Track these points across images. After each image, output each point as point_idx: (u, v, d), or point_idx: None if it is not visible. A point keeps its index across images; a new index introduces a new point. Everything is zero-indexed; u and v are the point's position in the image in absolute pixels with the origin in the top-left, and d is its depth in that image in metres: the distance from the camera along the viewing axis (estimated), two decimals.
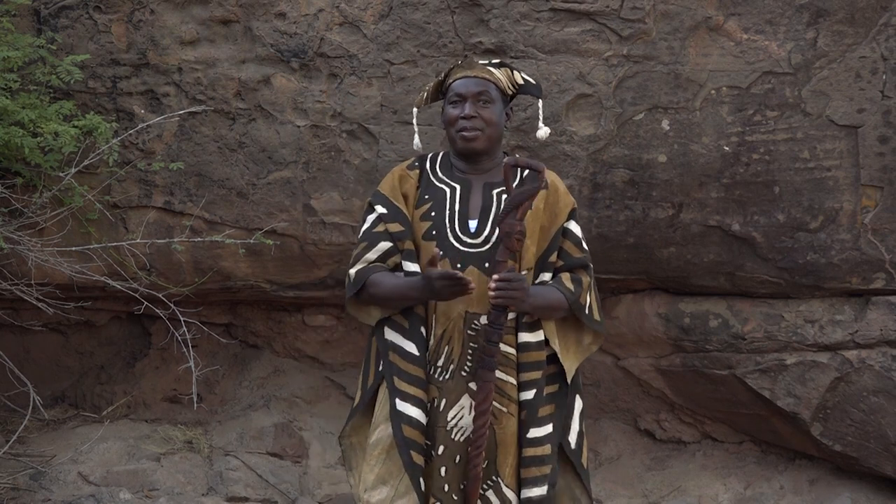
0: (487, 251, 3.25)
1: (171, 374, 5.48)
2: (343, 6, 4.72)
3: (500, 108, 3.36)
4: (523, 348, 3.28)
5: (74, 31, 4.83)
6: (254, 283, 5.08)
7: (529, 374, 3.28)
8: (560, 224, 3.36)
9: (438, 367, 3.27)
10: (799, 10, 4.68)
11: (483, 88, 3.32)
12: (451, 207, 3.30)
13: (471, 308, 3.25)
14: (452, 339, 3.26)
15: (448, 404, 3.26)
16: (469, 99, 3.31)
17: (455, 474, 3.25)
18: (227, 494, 5.07)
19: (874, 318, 4.91)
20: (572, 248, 3.38)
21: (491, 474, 3.26)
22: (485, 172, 3.36)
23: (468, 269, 3.25)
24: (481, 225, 3.29)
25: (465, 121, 3.30)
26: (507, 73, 3.41)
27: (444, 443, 3.25)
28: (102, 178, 4.84)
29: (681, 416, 5.39)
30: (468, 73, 3.35)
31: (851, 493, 5.12)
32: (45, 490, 4.97)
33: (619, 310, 5.18)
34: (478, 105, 3.31)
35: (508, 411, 3.26)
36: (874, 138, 4.75)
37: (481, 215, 3.29)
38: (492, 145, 3.35)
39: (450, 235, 3.27)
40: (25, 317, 5.24)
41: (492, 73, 3.36)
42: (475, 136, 3.30)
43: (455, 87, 3.34)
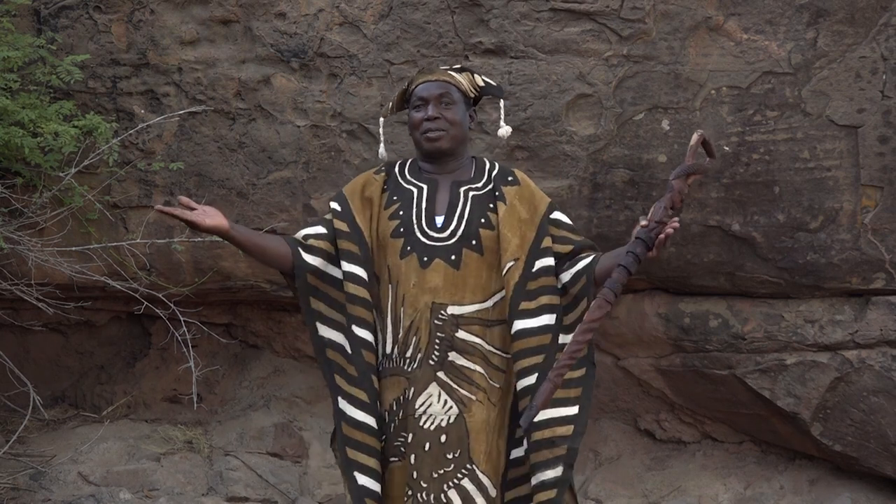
0: (454, 245, 3.34)
1: (171, 374, 5.48)
2: (343, 6, 4.72)
3: (463, 110, 3.45)
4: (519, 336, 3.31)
5: (74, 31, 4.83)
6: (254, 283, 5.08)
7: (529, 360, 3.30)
8: (542, 213, 3.42)
9: (407, 358, 3.34)
10: (799, 10, 4.68)
11: (444, 90, 3.42)
12: (417, 205, 3.39)
13: (437, 298, 3.32)
14: (420, 329, 3.32)
15: (416, 393, 3.32)
16: (431, 101, 3.41)
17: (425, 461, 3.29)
18: (227, 494, 5.07)
19: (874, 318, 4.91)
20: (573, 234, 3.44)
21: (465, 462, 3.29)
22: (452, 172, 3.45)
23: (434, 263, 3.33)
24: (448, 220, 3.37)
25: (428, 122, 3.39)
26: (468, 76, 3.51)
27: (412, 431, 3.30)
28: (102, 178, 4.84)
29: (681, 416, 5.39)
30: (429, 77, 3.45)
31: (851, 493, 5.12)
32: (45, 490, 4.97)
33: (619, 310, 5.18)
34: (440, 107, 3.40)
35: (477, 399, 3.31)
36: (874, 138, 4.75)
37: (448, 211, 3.38)
38: (456, 145, 3.43)
39: (416, 231, 3.35)
40: (25, 317, 5.24)
41: (452, 77, 3.46)
42: (440, 136, 3.39)
43: (417, 92, 3.44)
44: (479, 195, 3.40)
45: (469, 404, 3.31)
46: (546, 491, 3.28)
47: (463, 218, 3.36)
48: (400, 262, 3.34)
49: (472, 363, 3.33)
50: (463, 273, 3.33)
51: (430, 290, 3.32)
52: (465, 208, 3.38)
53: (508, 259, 3.34)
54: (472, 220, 3.36)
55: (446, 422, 3.30)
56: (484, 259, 3.35)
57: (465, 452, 3.29)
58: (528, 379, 3.30)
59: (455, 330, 3.32)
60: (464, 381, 3.31)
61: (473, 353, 3.33)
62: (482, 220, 3.36)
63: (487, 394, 3.33)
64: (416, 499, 3.27)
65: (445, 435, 3.29)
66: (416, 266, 3.32)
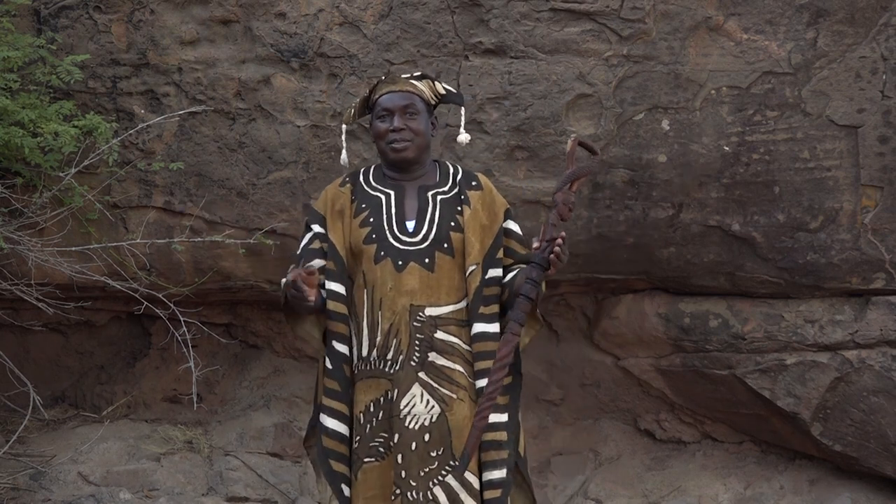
0: (427, 248, 3.41)
1: (171, 374, 5.48)
2: (343, 6, 4.72)
3: (426, 119, 3.52)
4: (479, 338, 3.41)
5: (74, 31, 4.82)
6: (254, 283, 5.08)
7: (484, 363, 3.39)
8: (500, 223, 3.51)
9: (388, 360, 3.40)
10: (799, 10, 4.68)
11: (409, 102, 3.49)
12: (387, 211, 3.46)
13: (415, 301, 3.39)
14: (399, 331, 3.39)
15: (400, 394, 3.37)
16: (396, 112, 3.47)
17: (413, 461, 3.35)
18: (227, 494, 5.07)
19: (874, 318, 4.91)
20: (518, 247, 3.53)
21: (448, 459, 3.36)
22: (417, 178, 3.52)
23: (409, 266, 3.39)
24: (419, 224, 3.44)
25: (394, 133, 3.46)
26: (429, 84, 3.57)
27: (399, 431, 3.36)
28: (102, 178, 4.84)
29: (681, 416, 5.39)
30: (393, 87, 3.51)
31: (851, 493, 5.12)
32: (45, 490, 4.97)
33: (619, 310, 5.18)
34: (405, 117, 3.47)
35: (458, 397, 3.39)
36: (874, 138, 4.75)
37: (418, 216, 3.45)
38: (421, 153, 3.51)
39: (389, 236, 3.42)
40: (25, 317, 5.24)
41: (415, 86, 3.52)
42: (405, 146, 3.46)
43: (382, 103, 3.50)
44: (447, 199, 3.48)
45: (450, 402, 3.38)
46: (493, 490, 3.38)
47: (434, 222, 3.44)
48: (375, 268, 3.40)
49: (452, 362, 3.40)
50: (437, 275, 3.40)
51: (408, 292, 3.39)
52: (434, 212, 3.46)
53: (471, 263, 3.44)
54: (442, 224, 3.44)
55: (429, 421, 3.37)
56: (455, 261, 3.43)
57: (448, 450, 3.36)
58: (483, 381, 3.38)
59: (434, 331, 3.40)
60: (444, 381, 3.39)
61: (452, 353, 3.40)
62: (451, 223, 3.44)
63: (468, 391, 3.40)
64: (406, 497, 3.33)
65: (429, 434, 3.36)
66: (391, 270, 3.39)
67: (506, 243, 3.50)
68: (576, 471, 5.41)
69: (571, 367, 5.42)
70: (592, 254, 4.91)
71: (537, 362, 5.45)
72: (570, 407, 5.50)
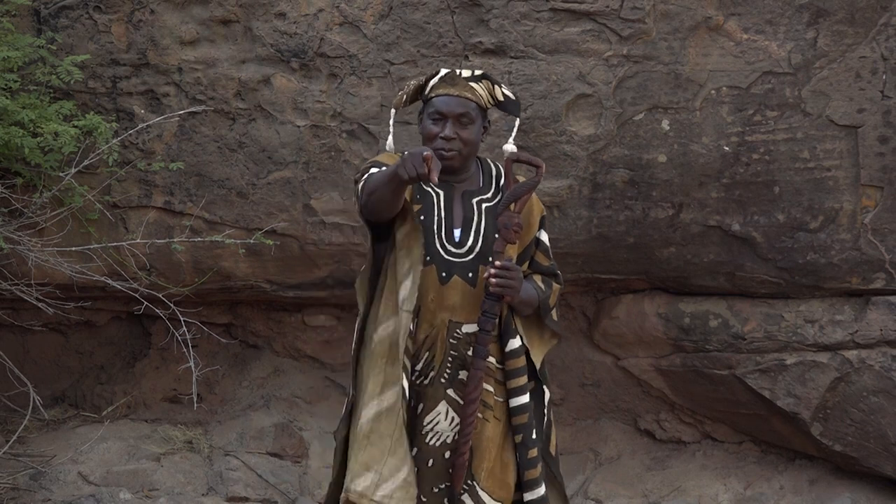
0: (471, 262, 3.30)
1: (171, 374, 5.48)
2: (343, 6, 4.72)
3: (479, 126, 3.37)
4: (512, 355, 3.33)
5: (74, 31, 4.83)
6: (254, 283, 5.08)
7: (519, 380, 3.33)
8: (533, 233, 3.42)
9: (417, 371, 3.31)
10: (799, 10, 4.68)
11: (465, 110, 3.33)
12: (438, 214, 3.34)
13: (454, 317, 3.30)
14: (434, 345, 3.30)
15: (426, 410, 3.30)
16: (450, 119, 3.32)
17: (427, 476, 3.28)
18: (227, 494, 5.07)
19: (874, 318, 4.91)
20: (542, 258, 3.44)
21: (466, 478, 3.30)
22: (462, 181, 3.40)
23: (453, 279, 3.29)
24: (464, 235, 3.33)
25: (444, 141, 3.32)
26: (489, 86, 3.41)
27: (418, 446, 3.29)
28: (102, 178, 4.84)
29: (681, 416, 5.39)
30: (451, 91, 3.35)
31: (851, 493, 5.12)
32: (45, 490, 4.97)
33: (619, 310, 5.18)
34: (458, 126, 3.32)
35: (484, 417, 3.31)
36: (874, 138, 4.75)
37: (464, 225, 3.34)
38: (466, 162, 3.38)
39: (436, 242, 3.31)
40: (25, 317, 5.24)
41: (474, 91, 3.36)
42: (452, 156, 3.32)
43: (437, 104, 3.34)
44: (491, 207, 3.37)
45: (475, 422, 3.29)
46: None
47: (479, 234, 3.32)
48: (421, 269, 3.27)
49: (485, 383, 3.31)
50: (478, 291, 3.30)
51: (449, 307, 3.29)
52: (479, 223, 3.34)
53: None
54: (488, 236, 3.32)
55: (451, 438, 3.29)
56: None
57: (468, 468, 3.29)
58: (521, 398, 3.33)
59: (468, 348, 3.30)
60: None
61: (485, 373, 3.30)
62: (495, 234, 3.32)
63: (494, 411, 3.32)
64: None
65: (450, 451, 3.29)
66: (435, 280, 3.28)
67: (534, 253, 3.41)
68: (576, 471, 5.41)
69: (571, 367, 5.42)
70: (592, 254, 4.91)
71: None
72: (570, 407, 5.50)
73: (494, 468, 3.32)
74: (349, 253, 4.93)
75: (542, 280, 3.42)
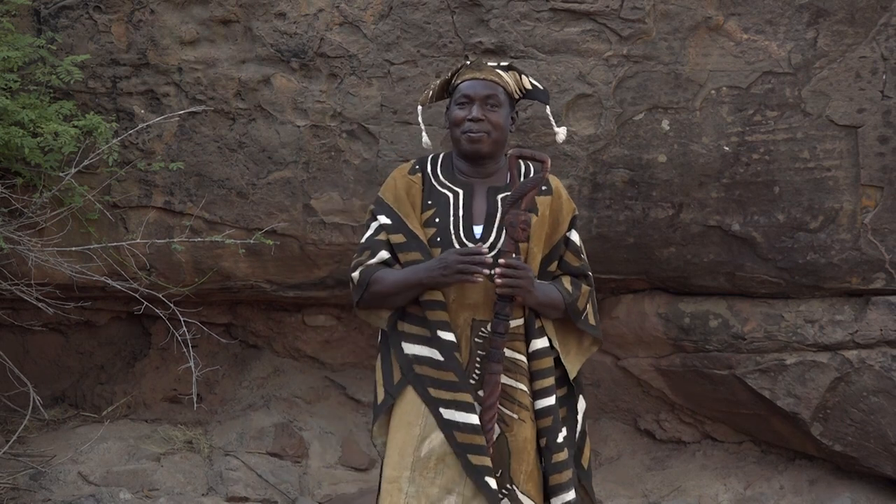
0: (494, 258, 3.21)
1: (171, 374, 5.48)
2: (343, 6, 4.72)
3: (507, 112, 3.32)
4: (536, 355, 3.26)
5: (74, 31, 4.83)
6: (254, 283, 5.08)
7: (544, 381, 3.26)
8: (563, 233, 3.34)
9: None
10: (799, 10, 4.68)
11: (492, 92, 3.29)
12: (454, 213, 3.26)
13: (477, 315, 3.22)
14: (460, 346, 3.22)
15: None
16: (477, 101, 3.27)
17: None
18: (227, 494, 5.07)
19: (874, 318, 4.91)
20: (572, 258, 3.36)
21: (505, 482, 3.21)
22: (488, 176, 3.32)
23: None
24: (486, 231, 3.25)
25: (472, 123, 3.26)
26: (516, 76, 3.38)
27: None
28: (102, 178, 4.84)
29: (681, 416, 5.39)
30: (477, 74, 3.31)
31: (851, 493, 5.12)
32: (45, 490, 4.97)
33: (619, 310, 5.18)
34: (485, 108, 3.27)
35: (520, 417, 3.23)
36: (874, 138, 4.75)
37: (486, 221, 3.26)
38: (496, 149, 3.31)
39: (455, 242, 3.23)
40: (25, 317, 5.24)
41: (501, 77, 3.33)
42: (480, 137, 3.25)
43: (463, 89, 3.30)
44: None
45: (511, 423, 3.22)
46: None
47: (502, 230, 3.24)
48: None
49: (517, 381, 3.24)
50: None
51: (470, 306, 3.22)
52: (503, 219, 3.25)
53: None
54: None
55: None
56: None
57: (506, 472, 3.21)
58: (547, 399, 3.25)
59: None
60: (506, 400, 3.22)
61: (516, 371, 3.24)
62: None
63: (530, 411, 3.25)
64: None
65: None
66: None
67: (563, 253, 3.34)
68: None
69: None
70: (592, 254, 4.87)
71: None
72: None
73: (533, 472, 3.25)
74: (349, 253, 4.92)
75: (571, 282, 3.33)
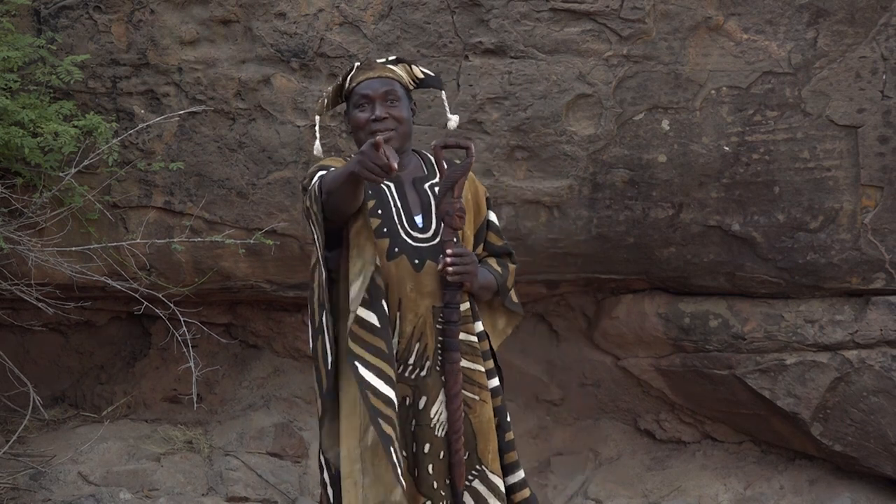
0: (438, 244, 3.25)
1: (171, 374, 5.48)
2: (343, 6, 4.72)
3: (407, 105, 3.33)
4: (480, 337, 3.31)
5: (74, 31, 4.83)
6: (254, 283, 5.08)
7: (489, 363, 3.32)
8: (484, 215, 3.40)
9: (410, 365, 3.24)
10: (799, 10, 4.68)
11: (389, 87, 3.29)
12: (394, 204, 3.28)
13: (437, 303, 3.24)
14: (424, 335, 3.24)
15: (429, 402, 3.24)
16: (377, 100, 3.28)
17: (441, 470, 3.23)
18: (227, 494, 5.07)
19: (874, 318, 4.91)
20: (495, 238, 3.42)
21: (474, 463, 3.26)
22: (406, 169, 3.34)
23: (427, 264, 3.24)
24: (426, 220, 3.28)
25: (376, 123, 3.26)
26: (406, 68, 3.39)
27: (429, 440, 3.23)
28: (102, 178, 4.84)
29: (681, 416, 5.39)
30: (371, 74, 3.32)
31: (851, 493, 5.12)
32: (45, 490, 4.97)
33: (619, 310, 5.18)
34: (386, 105, 3.28)
35: (481, 398, 3.27)
36: (874, 138, 4.75)
37: (423, 211, 3.29)
38: (405, 142, 3.33)
39: (401, 232, 3.25)
40: (25, 317, 5.24)
41: (393, 71, 3.34)
42: (389, 136, 3.24)
43: (360, 90, 3.30)
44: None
45: (473, 405, 3.26)
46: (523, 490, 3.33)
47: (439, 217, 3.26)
48: (388, 264, 3.22)
49: (474, 363, 3.28)
50: None
51: (429, 293, 3.24)
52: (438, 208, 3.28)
53: None
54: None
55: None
56: None
57: (474, 453, 3.26)
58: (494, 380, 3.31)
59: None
60: (467, 383, 3.25)
61: (472, 353, 3.28)
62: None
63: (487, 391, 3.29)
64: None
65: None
66: (409, 269, 3.23)
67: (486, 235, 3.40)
68: (576, 471, 5.41)
69: (571, 367, 5.42)
70: (592, 254, 4.91)
71: (537, 362, 5.45)
72: (570, 407, 5.50)
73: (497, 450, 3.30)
74: None
75: (498, 262, 3.40)
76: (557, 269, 4.98)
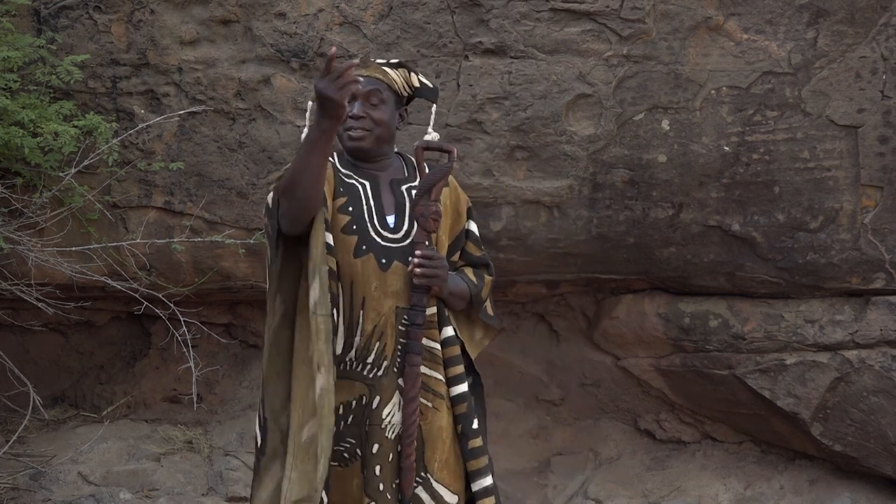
0: (408, 246, 3.23)
1: (171, 374, 5.49)
2: (343, 6, 4.72)
3: (392, 109, 3.32)
4: (447, 343, 3.28)
5: (74, 31, 4.83)
6: (254, 283, 5.08)
7: (456, 369, 3.28)
8: (463, 224, 3.39)
9: (368, 364, 3.21)
10: (799, 10, 4.68)
11: (374, 88, 3.29)
12: (366, 202, 3.27)
13: (400, 303, 3.21)
14: (384, 334, 3.21)
15: (383, 402, 3.21)
16: (359, 98, 3.28)
17: (389, 474, 3.20)
18: (227, 494, 5.07)
19: (874, 318, 4.91)
20: (473, 248, 3.41)
21: (420, 470, 3.22)
22: (384, 170, 3.34)
23: (394, 265, 3.22)
24: (398, 220, 3.26)
25: (353, 120, 3.27)
26: (404, 73, 3.37)
27: (378, 441, 3.20)
28: (102, 178, 4.84)
29: (681, 416, 5.39)
30: (361, 72, 3.31)
31: (851, 493, 5.12)
32: (45, 490, 4.97)
33: (619, 310, 5.18)
34: (367, 105, 3.28)
35: (434, 406, 3.24)
36: (874, 138, 4.75)
37: (397, 211, 3.27)
38: (380, 145, 3.32)
39: (371, 230, 3.23)
40: (25, 317, 5.24)
41: (386, 74, 3.33)
42: (362, 136, 3.27)
43: None
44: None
45: (426, 412, 3.22)
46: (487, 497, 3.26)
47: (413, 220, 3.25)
48: (354, 262, 3.18)
49: (433, 370, 3.25)
50: None
51: (394, 293, 3.20)
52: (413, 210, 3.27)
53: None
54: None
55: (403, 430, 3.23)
56: None
57: (420, 461, 3.21)
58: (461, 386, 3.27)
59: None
60: (422, 389, 3.22)
61: (432, 360, 3.25)
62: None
63: (445, 399, 3.26)
64: None
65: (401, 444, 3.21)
66: (375, 268, 3.20)
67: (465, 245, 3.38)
68: (576, 471, 5.41)
69: (571, 367, 5.42)
70: (592, 254, 4.91)
71: (537, 362, 5.45)
72: (570, 407, 5.50)
73: (449, 459, 3.25)
74: None
75: (474, 273, 3.39)
76: (557, 269, 4.98)
